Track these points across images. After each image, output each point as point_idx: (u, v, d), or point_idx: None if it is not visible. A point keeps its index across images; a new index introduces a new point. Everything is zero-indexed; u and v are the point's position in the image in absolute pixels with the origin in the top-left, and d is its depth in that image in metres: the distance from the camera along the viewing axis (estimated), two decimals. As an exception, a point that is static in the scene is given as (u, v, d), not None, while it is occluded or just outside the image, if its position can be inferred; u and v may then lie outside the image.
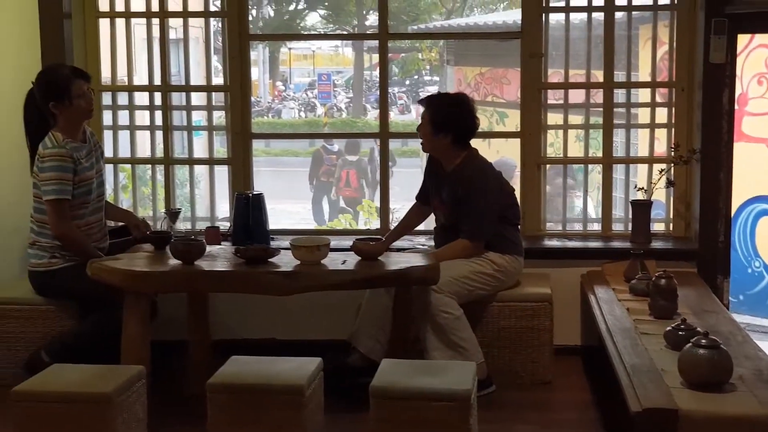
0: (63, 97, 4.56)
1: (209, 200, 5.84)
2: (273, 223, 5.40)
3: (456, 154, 4.75)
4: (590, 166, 5.74)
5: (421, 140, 4.82)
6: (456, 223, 4.74)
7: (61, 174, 4.49)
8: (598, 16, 5.45)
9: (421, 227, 5.28)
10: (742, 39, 5.80)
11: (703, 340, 3.34)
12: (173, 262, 4.33)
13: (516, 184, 5.38)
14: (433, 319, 4.49)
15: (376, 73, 5.83)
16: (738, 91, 5.69)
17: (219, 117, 5.98)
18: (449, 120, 4.69)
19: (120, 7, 5.63)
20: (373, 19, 22.28)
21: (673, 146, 5.29)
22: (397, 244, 5.08)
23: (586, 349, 5.24)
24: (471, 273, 4.64)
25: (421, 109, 4.84)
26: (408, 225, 5.19)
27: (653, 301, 4.28)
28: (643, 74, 6.38)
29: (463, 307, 4.58)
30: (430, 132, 4.72)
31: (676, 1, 5.33)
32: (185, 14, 5.66)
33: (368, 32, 17.25)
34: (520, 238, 4.90)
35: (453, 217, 4.76)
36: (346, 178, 14.14)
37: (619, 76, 5.55)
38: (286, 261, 4.31)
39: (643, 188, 5.31)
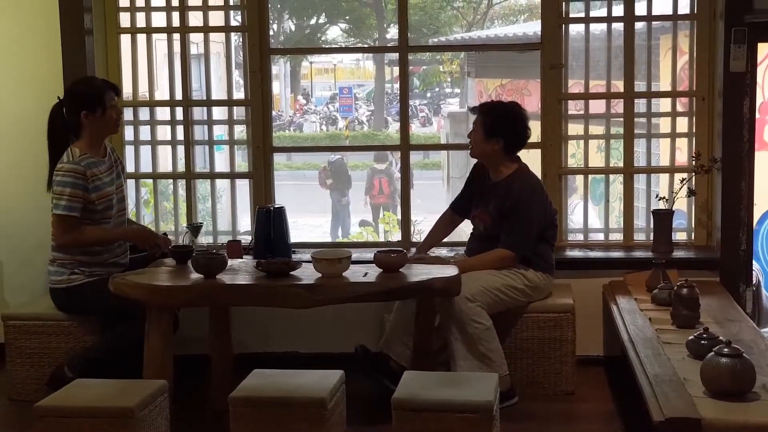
0: (96, 105, 4.61)
1: (230, 214, 5.86)
2: (294, 237, 5.42)
3: (505, 163, 4.77)
4: (611, 176, 5.73)
5: (470, 145, 4.84)
6: (495, 234, 4.75)
7: (71, 190, 4.53)
8: (618, 26, 5.44)
9: (448, 238, 5.28)
10: (762, 48, 5.77)
11: (726, 349, 3.33)
12: (195, 276, 4.35)
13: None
14: (463, 328, 4.49)
15: (398, 86, 5.85)
16: (759, 100, 5.67)
17: (240, 131, 6.01)
18: (502, 126, 4.72)
19: (141, 23, 5.67)
20: (393, 32, 22.31)
21: (694, 155, 5.27)
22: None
23: (609, 359, 5.22)
24: (503, 285, 4.64)
25: (471, 117, 4.87)
26: (440, 234, 5.21)
27: (675, 310, 4.26)
28: (664, 84, 6.36)
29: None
30: (482, 137, 4.74)
31: (695, 11, 5.32)
32: (206, 29, 5.70)
33: (389, 45, 17.30)
34: (553, 257, 4.90)
35: (494, 228, 4.77)
36: (379, 185, 14.63)
37: (640, 86, 5.54)
38: (307, 274, 4.32)
39: (664, 198, 5.29)
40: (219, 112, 5.95)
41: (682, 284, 4.26)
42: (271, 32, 5.90)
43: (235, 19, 5.80)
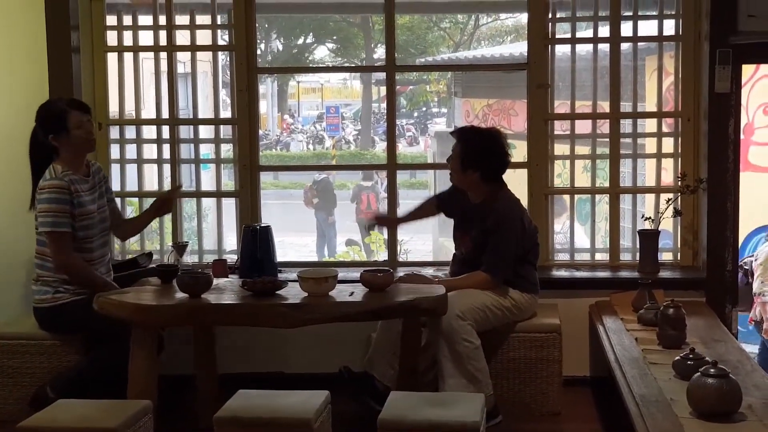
0: (60, 128, 4.58)
1: (216, 233, 5.84)
2: (280, 256, 5.40)
3: (486, 187, 4.75)
4: (597, 196, 5.74)
5: (450, 172, 4.83)
6: (474, 258, 4.74)
7: (56, 206, 4.50)
8: (604, 47, 5.47)
9: (434, 258, 5.28)
10: (747, 69, 5.82)
11: (712, 370, 3.32)
12: (180, 295, 4.32)
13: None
14: (453, 347, 4.47)
15: (384, 105, 5.86)
16: (744, 121, 5.70)
17: (227, 150, 6.00)
18: (477, 158, 4.70)
19: (128, 41, 5.67)
20: (381, 52, 22.41)
21: (679, 176, 5.28)
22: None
23: (595, 379, 5.21)
24: (492, 304, 4.63)
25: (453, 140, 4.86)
26: (417, 215, 5.27)
27: (662, 330, 4.26)
28: (650, 105, 6.39)
29: (475, 337, 4.58)
30: (460, 167, 4.73)
31: (681, 33, 5.35)
32: (193, 48, 5.70)
33: (376, 65, 17.36)
34: (536, 276, 4.90)
35: (475, 252, 4.75)
36: (367, 200, 14.82)
37: (626, 106, 5.56)
38: (293, 293, 4.30)
39: (650, 218, 5.29)
40: (205, 131, 5.94)
41: (668, 304, 4.27)
42: (258, 51, 5.91)
43: (222, 39, 5.81)
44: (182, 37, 5.72)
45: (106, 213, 4.79)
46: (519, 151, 4.92)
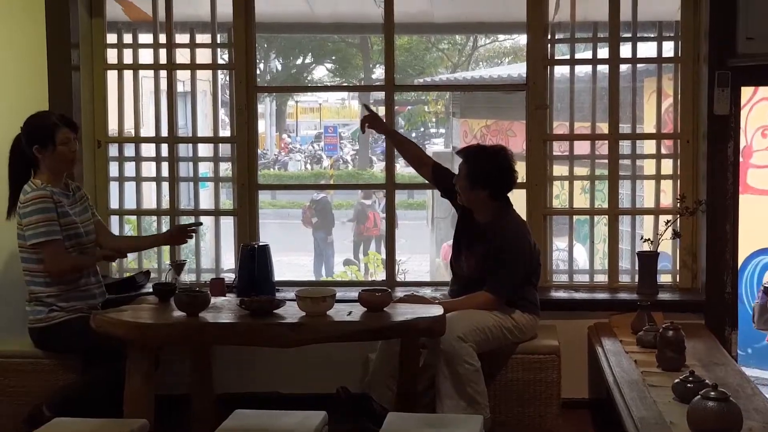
0: (47, 141, 4.58)
1: (214, 252, 5.83)
2: (278, 275, 5.39)
3: (493, 207, 4.74)
4: (596, 218, 5.73)
5: (457, 191, 4.81)
6: (478, 278, 4.72)
7: (44, 215, 4.49)
8: (603, 68, 5.48)
9: (432, 278, 5.26)
10: (746, 92, 5.82)
11: (712, 393, 3.30)
12: (177, 314, 4.30)
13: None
14: (453, 368, 4.45)
15: (383, 125, 5.86)
16: (742, 144, 5.70)
17: (225, 169, 6.00)
18: (486, 175, 4.68)
19: (128, 59, 5.68)
20: (379, 72, 22.46)
21: (678, 197, 5.29)
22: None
23: (594, 401, 5.19)
24: (493, 325, 4.61)
25: (458, 159, 4.84)
26: (408, 151, 5.20)
27: (661, 353, 4.25)
28: (648, 126, 6.39)
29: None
30: (468, 186, 4.71)
31: (680, 54, 5.36)
32: (193, 66, 5.71)
33: (375, 84, 17.41)
34: (538, 297, 4.89)
35: (478, 271, 4.73)
36: (374, 218, 15.08)
37: (624, 128, 5.57)
38: (291, 312, 4.28)
39: (649, 239, 5.29)
40: (204, 150, 5.94)
41: (667, 326, 4.25)
42: (257, 71, 5.92)
43: (222, 58, 5.81)
44: (182, 56, 5.73)
45: (92, 227, 4.78)
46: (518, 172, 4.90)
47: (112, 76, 5.66)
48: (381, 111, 5.62)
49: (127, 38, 5.68)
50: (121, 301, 4.81)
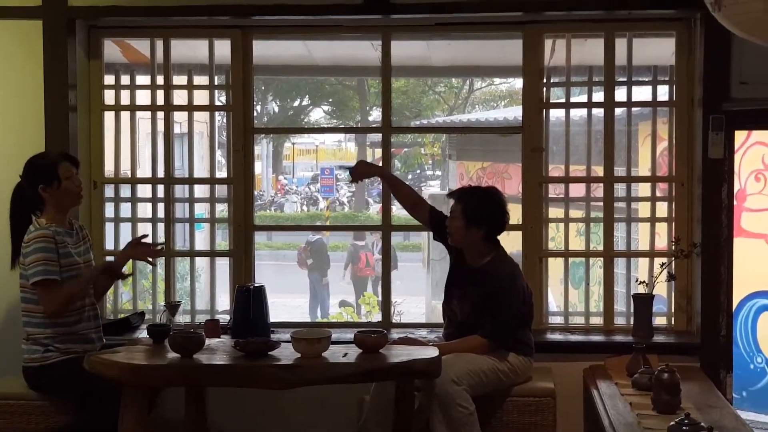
0: (52, 178, 4.59)
1: (209, 293, 5.82)
2: (273, 316, 5.38)
3: (485, 249, 4.75)
4: (591, 260, 5.74)
5: (449, 232, 4.81)
6: (473, 322, 4.71)
7: (44, 255, 4.48)
8: (598, 112, 5.52)
9: (427, 319, 5.25)
10: (740, 136, 5.86)
11: (708, 436, 3.30)
12: (172, 355, 4.29)
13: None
14: (447, 412, 4.43)
15: (379, 167, 5.90)
16: (736, 188, 5.72)
17: (221, 210, 6.01)
18: (484, 213, 4.71)
19: (125, 100, 5.70)
20: (376, 114, 22.58)
21: (673, 240, 5.30)
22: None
23: (590, 445, 5.16)
24: (488, 368, 4.60)
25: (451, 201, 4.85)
26: (402, 192, 5.17)
27: (656, 395, 4.23)
28: (643, 170, 6.43)
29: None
30: (463, 225, 4.71)
31: (674, 98, 5.40)
32: (190, 108, 5.73)
33: (372, 126, 17.50)
34: (532, 339, 4.88)
35: (472, 315, 4.73)
36: (365, 258, 15.11)
37: (619, 171, 5.60)
38: (286, 354, 4.27)
39: (644, 282, 5.29)
40: (200, 191, 5.95)
41: (662, 369, 4.24)
42: (254, 113, 5.95)
43: (219, 99, 5.84)
44: (179, 98, 5.75)
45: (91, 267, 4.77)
46: (513, 214, 4.92)
47: (109, 117, 5.68)
48: (377, 153, 5.64)
49: (125, 80, 5.71)
50: (118, 345, 4.78)
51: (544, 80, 5.47)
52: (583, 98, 5.64)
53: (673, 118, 5.41)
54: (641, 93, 5.62)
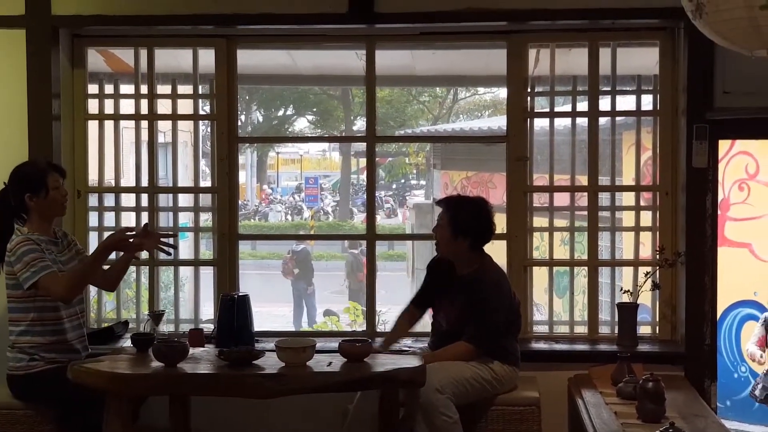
0: (39, 188, 4.58)
1: (193, 302, 5.80)
2: (258, 325, 5.36)
3: (472, 258, 4.76)
4: (575, 269, 5.74)
5: (436, 242, 4.82)
6: (459, 330, 4.71)
7: (33, 255, 4.45)
8: (582, 121, 5.53)
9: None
10: (723, 145, 5.90)
11: (692, 445, 3.30)
12: (156, 364, 4.27)
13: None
14: (431, 420, 4.42)
15: (363, 177, 5.90)
16: (720, 197, 5.75)
17: (205, 219, 5.99)
18: (470, 224, 4.71)
19: (109, 109, 5.68)
20: (360, 124, 22.60)
21: (658, 249, 5.31)
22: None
23: (575, 454, 5.16)
24: (471, 377, 4.60)
25: (437, 209, 4.85)
26: (402, 330, 5.15)
27: (641, 404, 4.24)
28: (627, 179, 6.44)
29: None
30: (450, 235, 4.72)
31: (658, 108, 5.42)
32: (174, 117, 5.72)
33: (356, 135, 17.50)
34: (518, 349, 4.88)
35: (459, 323, 4.73)
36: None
37: (603, 180, 5.61)
38: (270, 363, 4.26)
39: (628, 291, 5.31)
40: (184, 200, 5.93)
41: (647, 378, 4.25)
42: (239, 122, 5.94)
43: (203, 109, 5.83)
44: (163, 107, 5.74)
45: None
46: (498, 223, 4.93)
47: (93, 126, 5.66)
48: (362, 163, 5.65)
49: (109, 89, 5.69)
50: (102, 354, 4.76)
51: (529, 90, 5.49)
52: (568, 107, 5.66)
53: (657, 127, 5.43)
54: (625, 102, 5.64)
